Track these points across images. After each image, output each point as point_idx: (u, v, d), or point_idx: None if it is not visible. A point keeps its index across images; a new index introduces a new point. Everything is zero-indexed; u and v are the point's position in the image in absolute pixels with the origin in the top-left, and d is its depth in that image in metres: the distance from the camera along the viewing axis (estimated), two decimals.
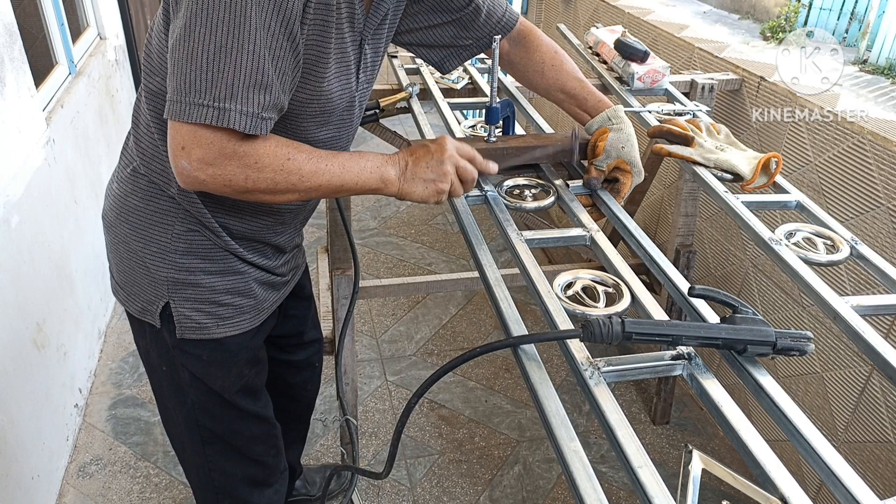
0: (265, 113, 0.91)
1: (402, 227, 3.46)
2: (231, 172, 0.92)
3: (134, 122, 1.15)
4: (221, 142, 0.90)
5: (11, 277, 1.82)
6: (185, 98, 0.88)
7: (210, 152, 0.90)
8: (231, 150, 0.91)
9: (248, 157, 0.92)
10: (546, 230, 1.14)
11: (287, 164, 0.95)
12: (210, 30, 0.86)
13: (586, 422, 2.33)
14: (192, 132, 0.89)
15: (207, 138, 0.89)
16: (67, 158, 2.35)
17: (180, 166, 0.91)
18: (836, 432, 1.83)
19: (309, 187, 0.98)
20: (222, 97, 0.87)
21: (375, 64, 1.15)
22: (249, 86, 0.88)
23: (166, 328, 1.19)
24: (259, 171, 0.93)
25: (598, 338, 0.80)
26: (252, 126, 0.90)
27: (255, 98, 0.89)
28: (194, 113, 0.87)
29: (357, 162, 1.02)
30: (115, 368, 2.49)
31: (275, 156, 0.94)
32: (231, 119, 0.88)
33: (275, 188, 0.96)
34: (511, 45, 1.33)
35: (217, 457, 1.35)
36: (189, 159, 0.90)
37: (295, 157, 0.96)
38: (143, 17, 3.92)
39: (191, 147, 0.90)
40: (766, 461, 0.72)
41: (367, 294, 1.94)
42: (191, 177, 0.92)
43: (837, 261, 1.11)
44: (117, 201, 1.18)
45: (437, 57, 1.33)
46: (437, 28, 1.27)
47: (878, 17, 2.17)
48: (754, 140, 2.04)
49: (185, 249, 1.14)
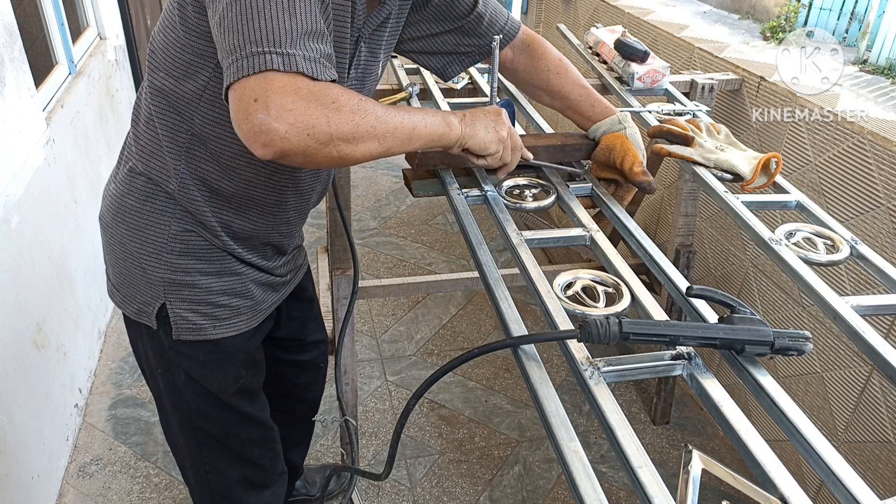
0: (326, 61, 0.88)
1: (402, 227, 3.46)
2: (313, 115, 0.86)
3: (134, 121, 1.15)
4: (296, 82, 0.85)
5: (11, 277, 1.82)
6: (245, 52, 0.83)
7: (286, 96, 0.84)
8: (307, 90, 0.85)
9: (324, 97, 0.87)
10: (546, 230, 1.14)
11: (362, 105, 0.91)
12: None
13: (586, 422, 2.33)
14: (263, 81, 0.83)
15: (281, 81, 0.84)
16: (67, 158, 2.35)
17: (257, 123, 0.83)
18: (836, 432, 1.83)
19: (386, 130, 0.93)
20: (284, 43, 0.84)
21: (370, 65, 1.14)
22: (306, 33, 0.86)
23: (162, 329, 1.19)
24: (338, 111, 0.88)
25: (596, 338, 0.80)
26: (318, 71, 0.86)
27: (313, 45, 0.87)
28: (258, 62, 0.83)
29: (418, 112, 1.00)
30: (115, 368, 2.49)
31: (348, 95, 0.90)
32: (297, 63, 0.84)
33: (356, 132, 0.90)
34: (515, 53, 1.32)
35: (213, 459, 1.35)
36: (267, 109, 0.83)
37: (365, 99, 0.92)
38: (143, 17, 3.92)
39: (265, 95, 0.83)
40: (766, 461, 0.72)
41: (367, 294, 1.94)
42: (270, 130, 0.83)
43: (837, 261, 1.11)
44: (114, 202, 1.18)
45: (439, 64, 1.33)
46: (438, 36, 1.27)
47: (878, 17, 2.17)
48: (754, 140, 2.04)
49: (182, 250, 1.14)
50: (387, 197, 3.71)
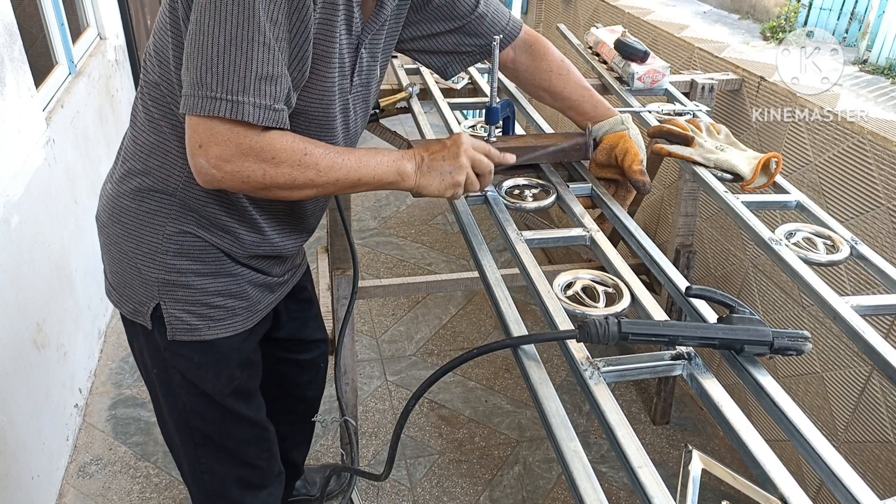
0: (278, 105, 0.91)
1: (402, 227, 3.46)
2: (249, 168, 0.91)
3: (132, 120, 1.15)
4: (238, 137, 0.89)
5: (11, 277, 1.82)
6: (199, 92, 0.87)
7: (227, 149, 0.89)
8: (248, 145, 0.90)
9: (265, 153, 0.91)
10: (546, 230, 1.14)
11: (304, 159, 0.94)
12: (219, 23, 0.86)
13: (586, 422, 2.33)
14: (209, 129, 0.89)
15: (224, 134, 0.89)
16: (67, 158, 2.35)
17: (198, 165, 0.91)
18: (836, 432, 1.83)
19: (326, 181, 0.98)
20: (235, 90, 0.87)
21: (372, 69, 1.14)
22: (261, 77, 0.88)
23: (157, 330, 1.19)
24: (276, 166, 0.93)
25: (595, 338, 0.80)
26: (267, 118, 0.89)
27: (266, 90, 0.89)
28: (208, 106, 0.87)
29: (373, 157, 1.02)
30: (115, 368, 2.49)
31: (292, 150, 0.93)
32: (245, 111, 0.88)
33: (293, 183, 0.96)
34: (517, 53, 1.32)
35: (209, 459, 1.35)
36: (206, 157, 0.90)
37: (312, 151, 0.95)
38: (143, 17, 3.93)
39: (208, 144, 0.89)
40: (766, 461, 0.72)
41: (366, 294, 1.94)
42: (209, 175, 0.92)
43: (837, 261, 1.11)
44: (110, 202, 1.18)
45: (440, 63, 1.33)
46: (440, 36, 1.27)
47: (878, 17, 2.17)
48: (754, 140, 2.04)
49: (177, 251, 1.14)
50: (387, 197, 3.71)
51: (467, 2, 1.23)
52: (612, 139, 1.25)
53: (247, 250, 1.19)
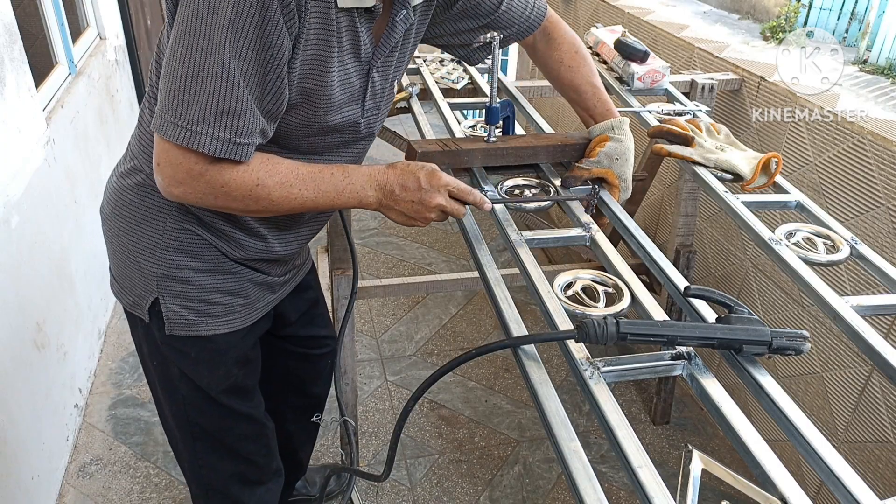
0: (240, 138, 0.92)
1: (401, 227, 3.46)
2: (200, 192, 0.96)
3: (139, 119, 1.16)
4: (189, 163, 0.93)
5: (11, 277, 1.82)
6: (165, 115, 0.91)
7: (179, 172, 0.94)
8: (198, 171, 0.94)
9: (214, 182, 0.95)
10: (546, 230, 1.14)
11: (255, 191, 0.98)
12: (189, 53, 0.88)
13: (586, 422, 2.33)
14: (165, 150, 0.93)
15: (177, 158, 0.93)
16: (67, 158, 2.35)
17: (157, 180, 0.97)
18: (836, 432, 1.83)
19: (280, 209, 1.02)
20: (195, 120, 0.90)
21: (385, 89, 1.14)
22: (222, 112, 0.90)
23: (155, 324, 1.20)
24: (227, 195, 0.97)
25: (594, 338, 0.80)
26: (223, 150, 0.92)
27: (227, 123, 0.91)
28: (169, 130, 0.91)
29: (336, 184, 1.02)
30: (115, 368, 2.49)
31: (242, 182, 0.96)
32: (201, 142, 0.91)
33: (247, 209, 1.01)
34: (536, 39, 1.32)
35: (206, 453, 1.36)
36: (163, 175, 0.95)
37: (264, 182, 0.98)
38: (143, 17, 3.92)
39: (163, 165, 0.94)
40: (766, 461, 0.72)
41: (366, 294, 1.94)
42: (166, 191, 0.97)
43: (837, 261, 1.11)
44: (113, 195, 1.19)
45: (465, 53, 1.33)
46: (465, 33, 1.27)
47: (878, 17, 2.17)
48: (754, 140, 2.04)
49: (176, 247, 1.15)
50: None
51: (491, 1, 1.23)
52: (595, 141, 1.25)
53: (247, 254, 1.19)
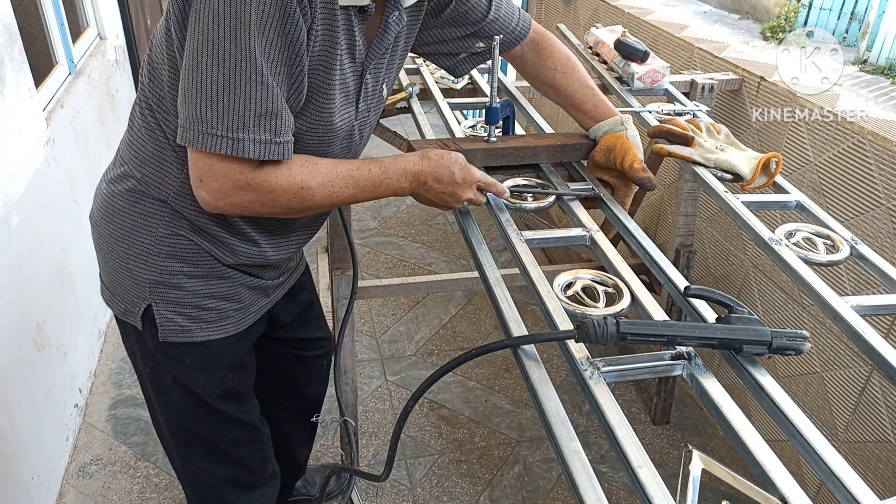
0: (280, 138, 0.93)
1: (402, 227, 3.46)
2: (248, 201, 0.96)
3: (129, 124, 1.14)
4: (235, 173, 0.93)
5: (11, 277, 1.82)
6: (199, 127, 0.90)
7: (225, 184, 0.94)
8: (245, 181, 0.94)
9: (261, 188, 0.96)
10: (546, 230, 1.14)
11: (300, 193, 0.99)
12: (217, 62, 0.87)
13: (586, 422, 2.33)
14: (208, 165, 0.93)
15: (222, 171, 0.93)
16: (67, 158, 2.35)
17: (200, 196, 0.96)
18: (836, 432, 1.83)
19: (323, 206, 1.03)
20: (235, 127, 0.90)
21: (377, 92, 1.14)
22: (260, 115, 0.90)
23: (148, 331, 1.19)
24: (273, 199, 0.98)
25: (593, 338, 0.80)
26: (268, 152, 0.93)
27: (266, 125, 0.91)
28: (209, 142, 0.90)
29: (374, 179, 1.05)
30: (115, 368, 2.49)
31: (288, 187, 0.97)
32: (245, 148, 0.91)
33: (289, 211, 1.02)
34: (525, 50, 1.34)
35: (200, 458, 1.35)
36: (207, 190, 0.94)
37: (308, 184, 0.99)
38: (143, 17, 3.93)
39: (207, 179, 0.94)
40: (766, 461, 0.72)
41: (366, 294, 1.94)
42: (211, 206, 0.97)
43: (837, 261, 1.11)
44: (103, 202, 1.17)
45: (450, 63, 1.34)
46: (451, 41, 1.28)
47: (878, 17, 2.17)
48: (754, 140, 2.04)
49: (168, 252, 1.13)
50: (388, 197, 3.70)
51: (479, 9, 1.24)
52: (609, 140, 1.25)
53: (240, 259, 1.18)
